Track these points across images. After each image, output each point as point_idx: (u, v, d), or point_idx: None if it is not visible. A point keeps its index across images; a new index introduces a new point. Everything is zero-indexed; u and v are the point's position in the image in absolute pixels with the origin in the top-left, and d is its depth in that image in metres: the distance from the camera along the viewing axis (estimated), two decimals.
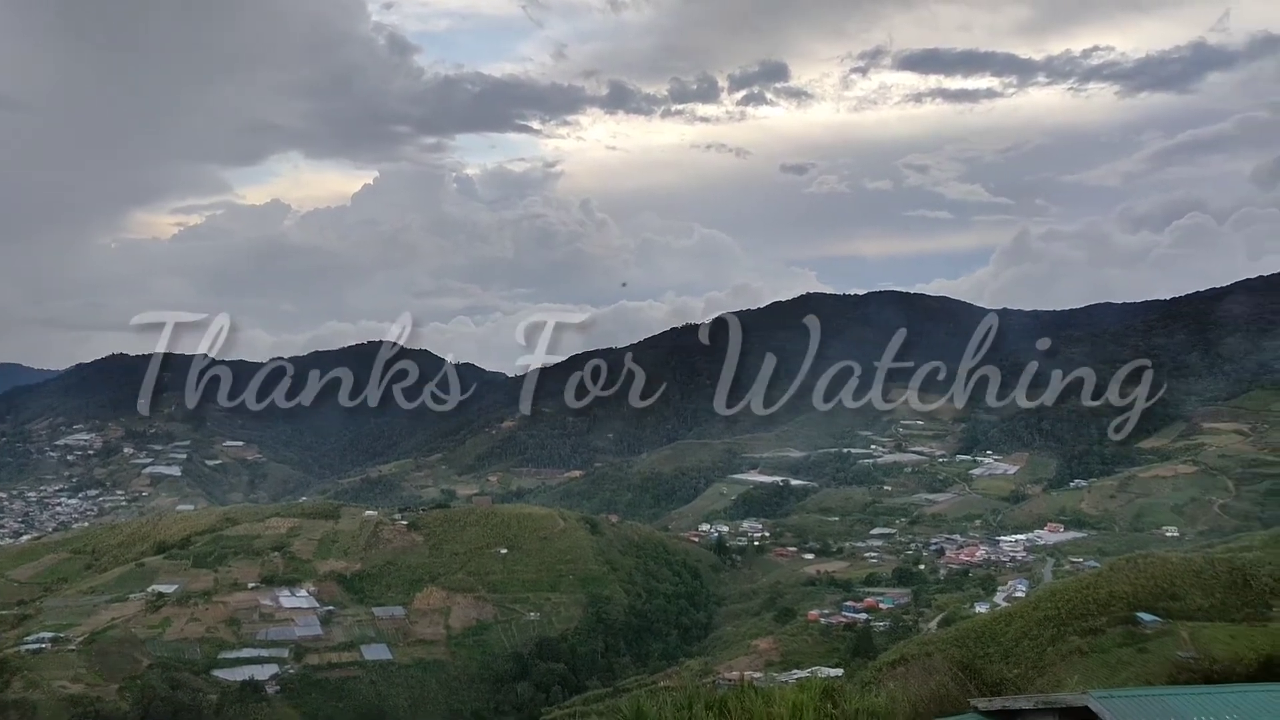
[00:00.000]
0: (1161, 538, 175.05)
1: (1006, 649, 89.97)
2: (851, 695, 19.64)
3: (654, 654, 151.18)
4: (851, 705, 18.49)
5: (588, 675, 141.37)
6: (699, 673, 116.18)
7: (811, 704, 18.01)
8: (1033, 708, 14.18)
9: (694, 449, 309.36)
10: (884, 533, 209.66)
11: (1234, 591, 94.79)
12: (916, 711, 17.53)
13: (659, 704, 18.01)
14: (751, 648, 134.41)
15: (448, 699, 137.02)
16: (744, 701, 17.61)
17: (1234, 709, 12.98)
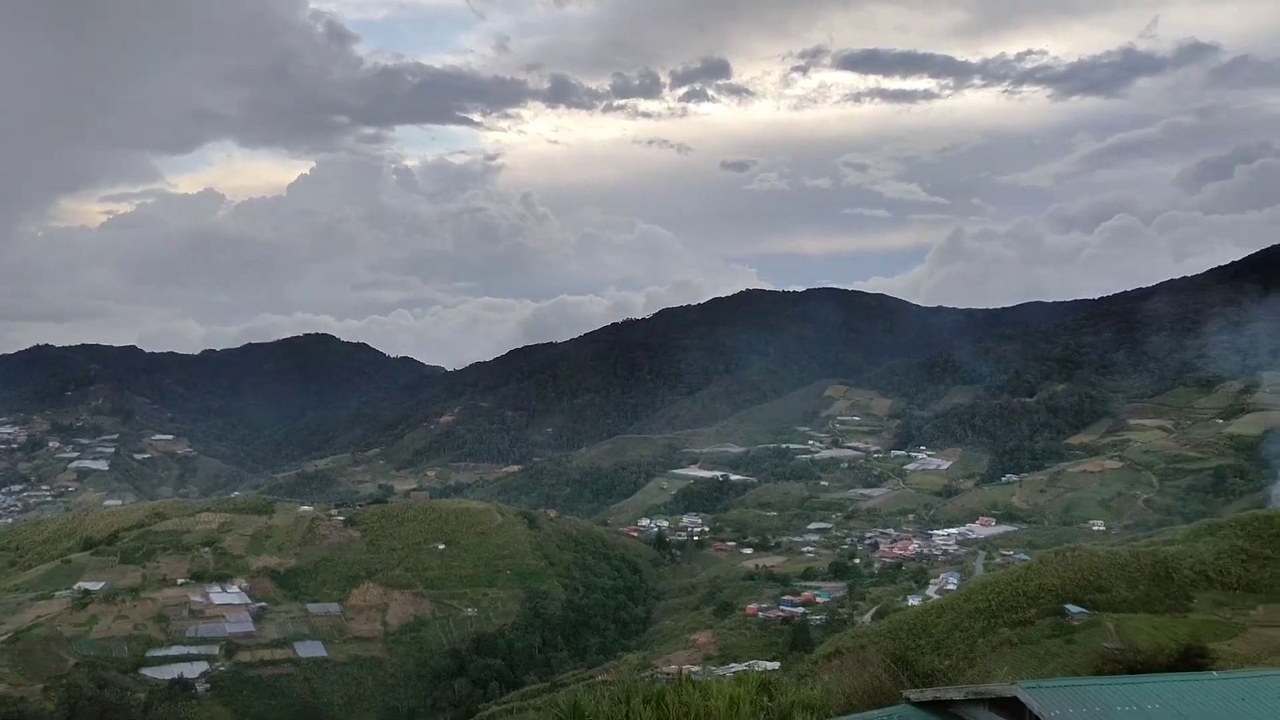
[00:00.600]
0: (1089, 531, 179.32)
1: (938, 641, 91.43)
2: (787, 688, 19.83)
3: (592, 648, 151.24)
4: (787, 698, 18.68)
5: (525, 671, 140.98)
6: (637, 667, 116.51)
7: (748, 697, 18.15)
8: (963, 698, 14.45)
9: (634, 444, 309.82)
10: (821, 527, 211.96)
11: (1157, 584, 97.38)
12: (850, 703, 17.75)
13: (596, 698, 18.01)
14: (690, 642, 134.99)
15: (384, 696, 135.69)
16: (681, 695, 17.67)
17: (1156, 698, 13.35)
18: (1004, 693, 13.88)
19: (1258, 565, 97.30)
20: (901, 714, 15.09)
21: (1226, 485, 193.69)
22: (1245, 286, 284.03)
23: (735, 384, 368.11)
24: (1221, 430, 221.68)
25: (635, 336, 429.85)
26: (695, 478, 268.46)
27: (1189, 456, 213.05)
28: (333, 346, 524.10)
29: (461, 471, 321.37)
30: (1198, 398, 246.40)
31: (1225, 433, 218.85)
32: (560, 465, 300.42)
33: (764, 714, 17.71)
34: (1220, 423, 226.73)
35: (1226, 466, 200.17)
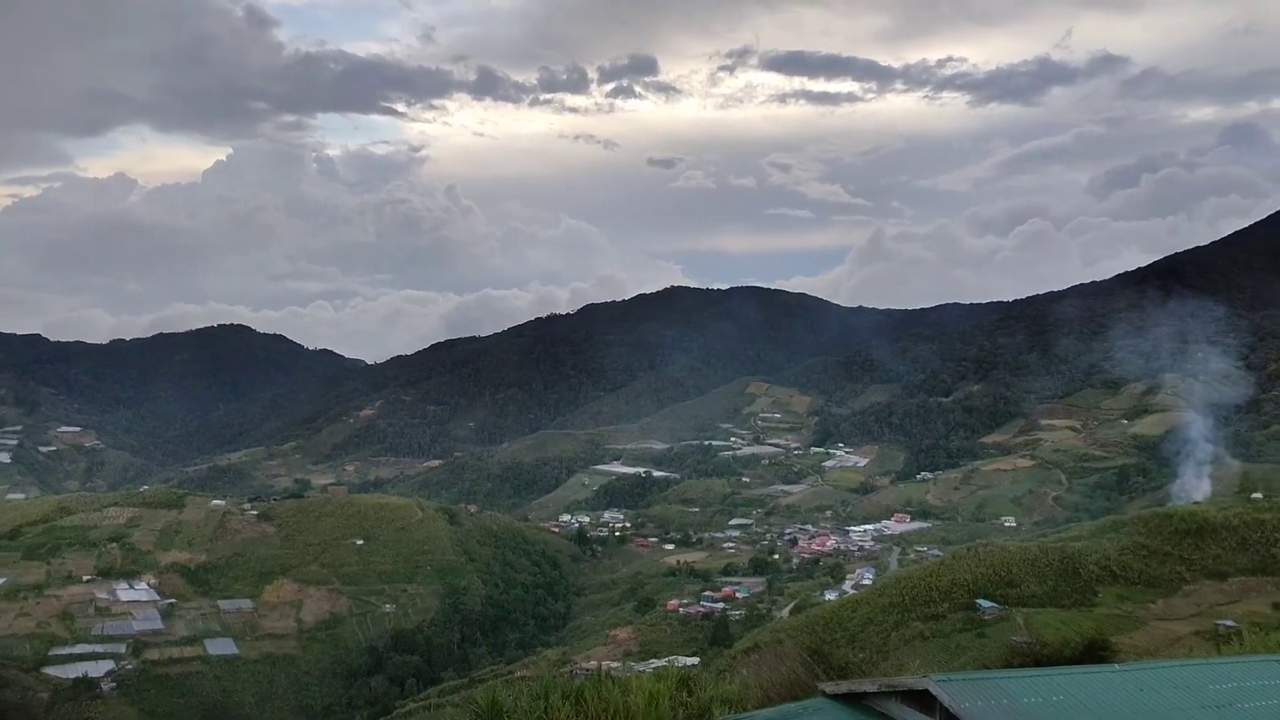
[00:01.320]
0: (1001, 528, 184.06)
1: (853, 634, 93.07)
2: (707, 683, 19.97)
3: (511, 644, 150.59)
4: (706, 693, 18.80)
5: (443, 667, 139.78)
6: (556, 663, 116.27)
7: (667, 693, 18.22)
8: (876, 690, 14.71)
9: (556, 439, 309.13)
10: (742, 523, 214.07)
11: (1064, 579, 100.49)
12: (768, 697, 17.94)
13: (514, 694, 17.94)
14: (610, 638, 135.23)
15: (298, 694, 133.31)
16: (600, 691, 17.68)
17: (1061, 690, 13.78)
18: (916, 685, 14.16)
19: (1158, 561, 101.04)
20: (817, 707, 15.29)
21: (1130, 483, 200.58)
22: (1149, 292, 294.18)
23: (658, 380, 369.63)
24: (1126, 430, 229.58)
25: (559, 332, 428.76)
26: (617, 474, 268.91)
27: (1096, 456, 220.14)
28: (248, 338, 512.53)
29: (382, 466, 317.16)
30: (1104, 399, 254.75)
31: (1129, 433, 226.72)
32: (482, 460, 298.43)
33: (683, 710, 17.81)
34: (1125, 423, 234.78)
35: (1130, 465, 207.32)
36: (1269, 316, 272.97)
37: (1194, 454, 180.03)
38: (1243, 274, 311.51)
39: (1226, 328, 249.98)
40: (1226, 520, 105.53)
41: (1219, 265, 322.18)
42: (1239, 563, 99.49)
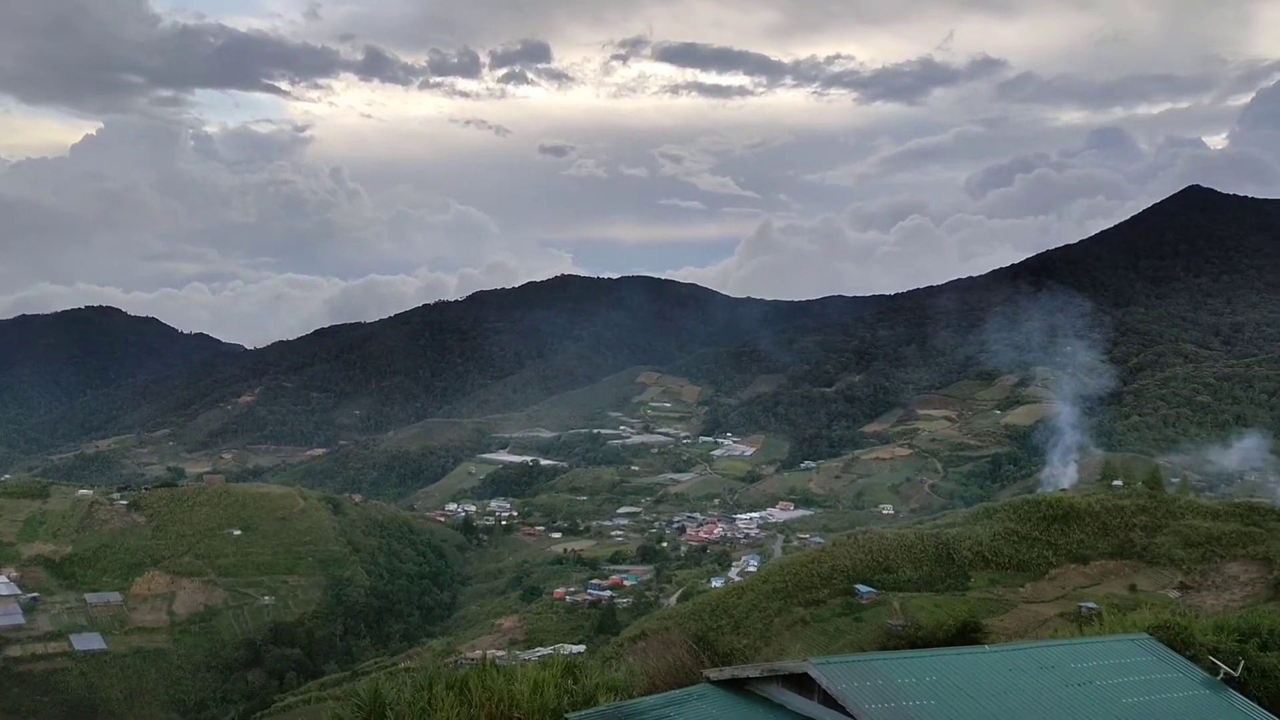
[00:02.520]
0: (879, 515, 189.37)
1: (738, 621, 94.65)
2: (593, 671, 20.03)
3: (395, 635, 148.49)
4: (592, 681, 18.86)
5: (325, 659, 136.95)
6: (441, 653, 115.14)
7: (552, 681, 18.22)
8: (759, 675, 14.99)
9: (443, 428, 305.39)
10: (630, 511, 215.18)
11: (939, 564, 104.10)
12: (654, 684, 18.08)
13: (398, 686, 17.71)
14: (496, 627, 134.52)
15: (169, 690, 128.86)
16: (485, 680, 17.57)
17: (934, 670, 14.29)
18: (796, 669, 14.46)
19: (1027, 546, 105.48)
20: (701, 693, 15.49)
21: (1002, 471, 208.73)
22: (1022, 287, 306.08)
23: (548, 369, 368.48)
24: (999, 420, 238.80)
25: (447, 318, 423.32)
26: (505, 462, 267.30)
27: (970, 445, 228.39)
28: (118, 320, 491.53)
29: (261, 454, 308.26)
30: (979, 390, 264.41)
31: (1002, 423, 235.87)
32: (367, 449, 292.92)
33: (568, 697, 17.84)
34: (998, 413, 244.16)
35: (1002, 454, 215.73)
36: (1131, 313, 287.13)
37: (1061, 443, 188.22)
38: (1108, 272, 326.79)
39: (1092, 323, 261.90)
40: (1089, 507, 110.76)
41: (1086, 263, 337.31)
42: (1100, 547, 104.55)
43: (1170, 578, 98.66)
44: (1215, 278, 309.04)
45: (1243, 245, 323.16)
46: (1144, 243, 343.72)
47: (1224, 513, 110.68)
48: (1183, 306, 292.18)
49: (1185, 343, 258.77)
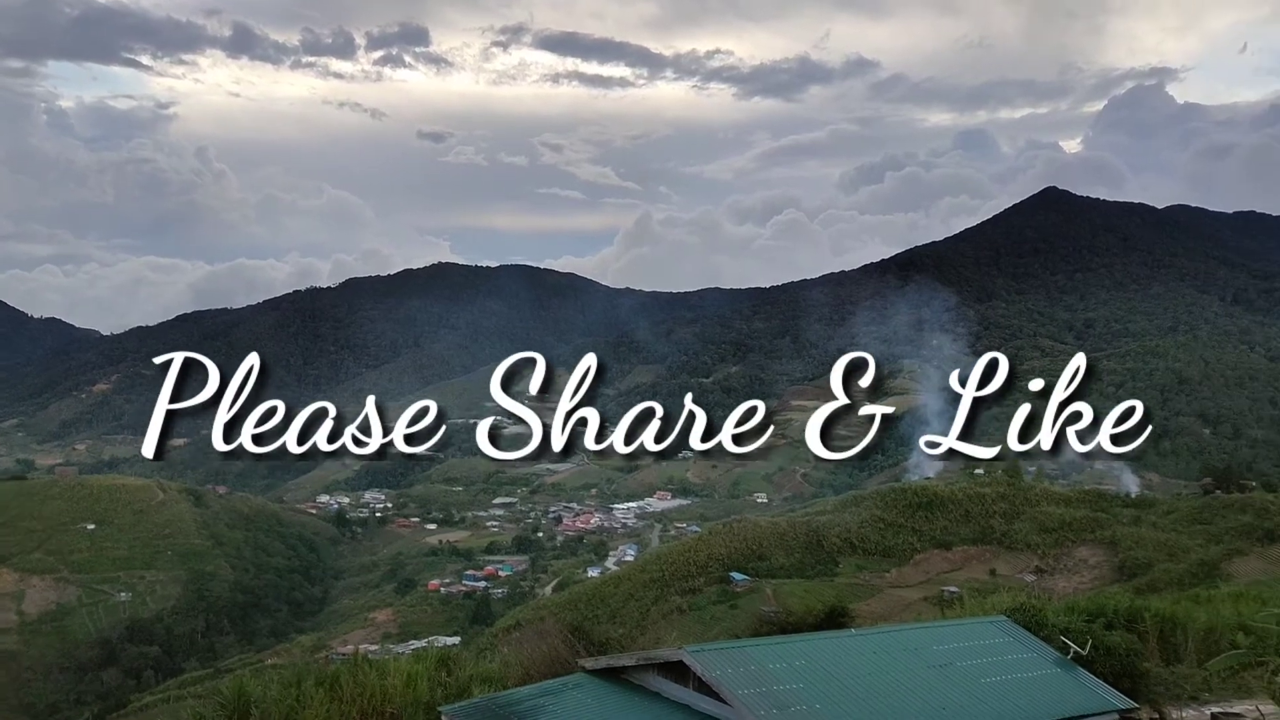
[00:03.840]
0: (754, 504, 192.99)
1: (614, 610, 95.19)
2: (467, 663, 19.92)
3: (262, 631, 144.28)
4: (466, 672, 18.75)
5: (186, 657, 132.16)
6: (311, 648, 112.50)
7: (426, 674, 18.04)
8: (634, 664, 15.14)
9: None
10: (506, 502, 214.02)
11: (810, 551, 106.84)
12: (529, 674, 18.08)
13: (265, 683, 17.26)
14: (369, 620, 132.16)
15: (19, 692, 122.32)
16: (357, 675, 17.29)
17: (803, 655, 14.67)
18: (671, 657, 14.64)
19: (893, 532, 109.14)
20: (577, 682, 15.54)
21: (871, 461, 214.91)
22: (891, 281, 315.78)
23: (424, 358, 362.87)
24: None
25: (320, 305, 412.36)
26: None
27: (841, 435, 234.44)
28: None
29: (119, 445, 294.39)
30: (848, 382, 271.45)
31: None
32: None
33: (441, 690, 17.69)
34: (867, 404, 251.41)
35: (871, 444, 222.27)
36: (993, 308, 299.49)
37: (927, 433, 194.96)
38: (971, 268, 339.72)
39: (957, 317, 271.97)
40: (953, 495, 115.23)
41: (951, 259, 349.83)
42: (962, 533, 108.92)
43: (1027, 562, 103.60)
44: (1070, 275, 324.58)
45: (1094, 245, 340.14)
46: (1005, 241, 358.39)
47: (1075, 500, 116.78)
48: (1040, 302, 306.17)
49: (1042, 337, 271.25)
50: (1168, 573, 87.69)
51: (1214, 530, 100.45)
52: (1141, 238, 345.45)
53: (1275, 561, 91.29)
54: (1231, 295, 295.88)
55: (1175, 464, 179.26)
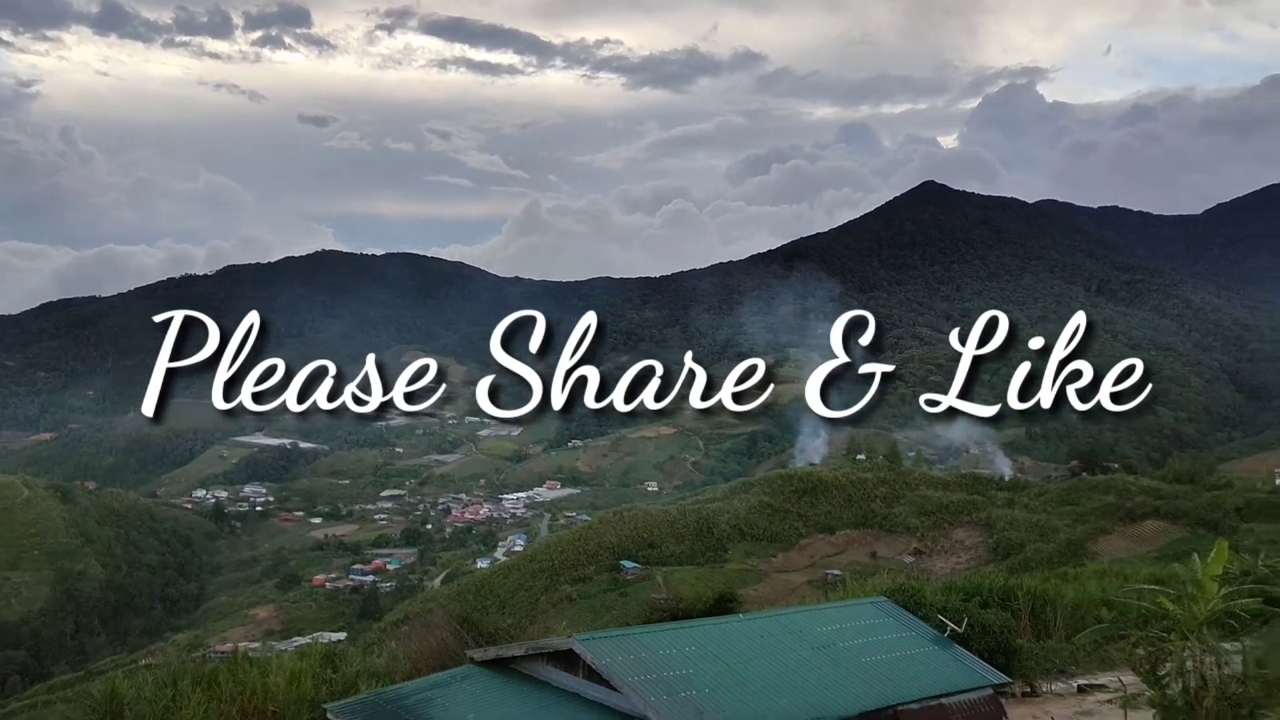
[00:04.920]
0: (644, 492, 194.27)
1: (503, 600, 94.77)
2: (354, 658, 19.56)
3: (135, 631, 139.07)
4: (352, 668, 18.43)
5: (54, 660, 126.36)
6: (187, 647, 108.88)
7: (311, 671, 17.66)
8: (524, 654, 15.09)
9: (190, 409, 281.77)
10: (394, 494, 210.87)
11: (700, 538, 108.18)
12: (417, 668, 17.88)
13: (138, 684, 16.64)
14: (249, 617, 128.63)
15: None
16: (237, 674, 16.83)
17: (692, 641, 14.86)
18: (561, 646, 14.65)
19: (780, 518, 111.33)
20: (465, 674, 15.42)
21: (759, 448, 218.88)
22: (776, 271, 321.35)
23: (307, 347, 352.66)
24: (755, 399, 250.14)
25: (196, 294, 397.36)
26: (261, 445, 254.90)
27: (729, 423, 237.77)
28: None
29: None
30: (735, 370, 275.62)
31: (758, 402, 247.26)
32: (103, 432, 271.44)
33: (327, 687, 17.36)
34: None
35: (759, 432, 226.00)
36: (874, 298, 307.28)
37: (812, 420, 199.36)
38: (854, 259, 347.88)
39: (840, 307, 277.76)
40: (836, 480, 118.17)
41: (835, 250, 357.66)
42: (845, 517, 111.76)
43: (907, 544, 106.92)
44: (947, 266, 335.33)
45: (970, 237, 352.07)
46: (886, 233, 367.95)
47: (952, 483, 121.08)
48: (919, 293, 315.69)
49: (921, 326, 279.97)
50: (1039, 552, 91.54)
51: (1080, 511, 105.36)
52: (1013, 231, 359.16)
53: (1136, 540, 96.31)
54: (1096, 286, 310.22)
55: (1045, 448, 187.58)
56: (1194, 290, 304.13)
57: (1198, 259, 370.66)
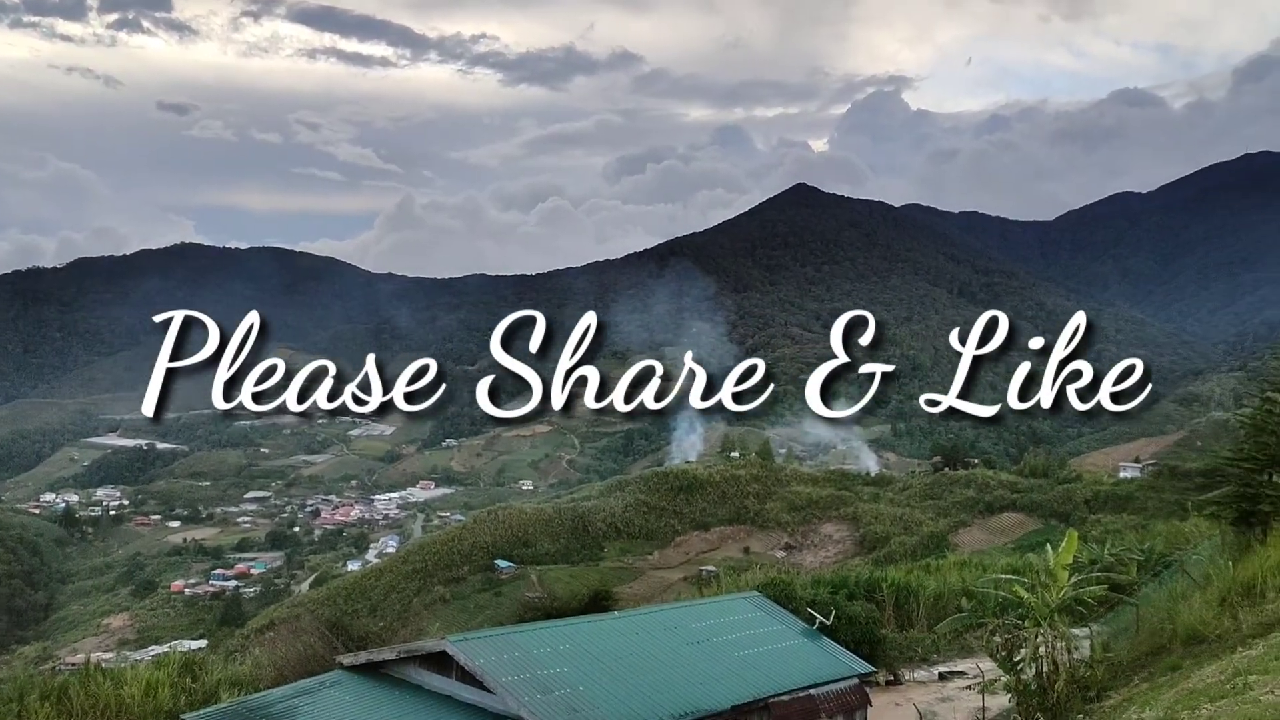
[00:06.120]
0: (519, 491, 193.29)
1: (375, 603, 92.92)
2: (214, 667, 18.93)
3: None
4: (213, 677, 17.84)
5: None
6: (35, 660, 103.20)
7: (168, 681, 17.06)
8: (395, 657, 14.82)
9: (38, 409, 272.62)
10: (259, 496, 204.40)
11: (575, 537, 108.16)
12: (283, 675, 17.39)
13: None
14: (102, 627, 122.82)
15: None
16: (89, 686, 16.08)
17: (567, 639, 14.85)
18: (434, 648, 14.46)
19: (655, 516, 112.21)
20: (335, 680, 15.06)
21: (635, 446, 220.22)
22: (652, 269, 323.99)
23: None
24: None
25: (44, 287, 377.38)
26: (114, 446, 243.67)
27: (605, 421, 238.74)
28: None
29: None
30: (614, 368, 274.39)
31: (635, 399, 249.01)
32: None
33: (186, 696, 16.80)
34: None
35: (635, 429, 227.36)
36: (748, 298, 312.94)
37: (688, 418, 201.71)
38: (728, 259, 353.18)
39: (715, 306, 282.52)
40: (711, 477, 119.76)
41: (710, 250, 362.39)
42: (720, 514, 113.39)
43: (778, 539, 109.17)
44: (818, 268, 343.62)
45: (839, 239, 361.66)
46: (759, 234, 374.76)
47: (822, 479, 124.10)
48: (791, 293, 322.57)
49: (793, 326, 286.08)
50: (903, 545, 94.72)
51: (942, 505, 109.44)
52: (881, 234, 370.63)
53: (994, 532, 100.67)
54: (958, 288, 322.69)
55: (910, 444, 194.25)
56: (1046, 293, 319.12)
57: (1050, 263, 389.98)
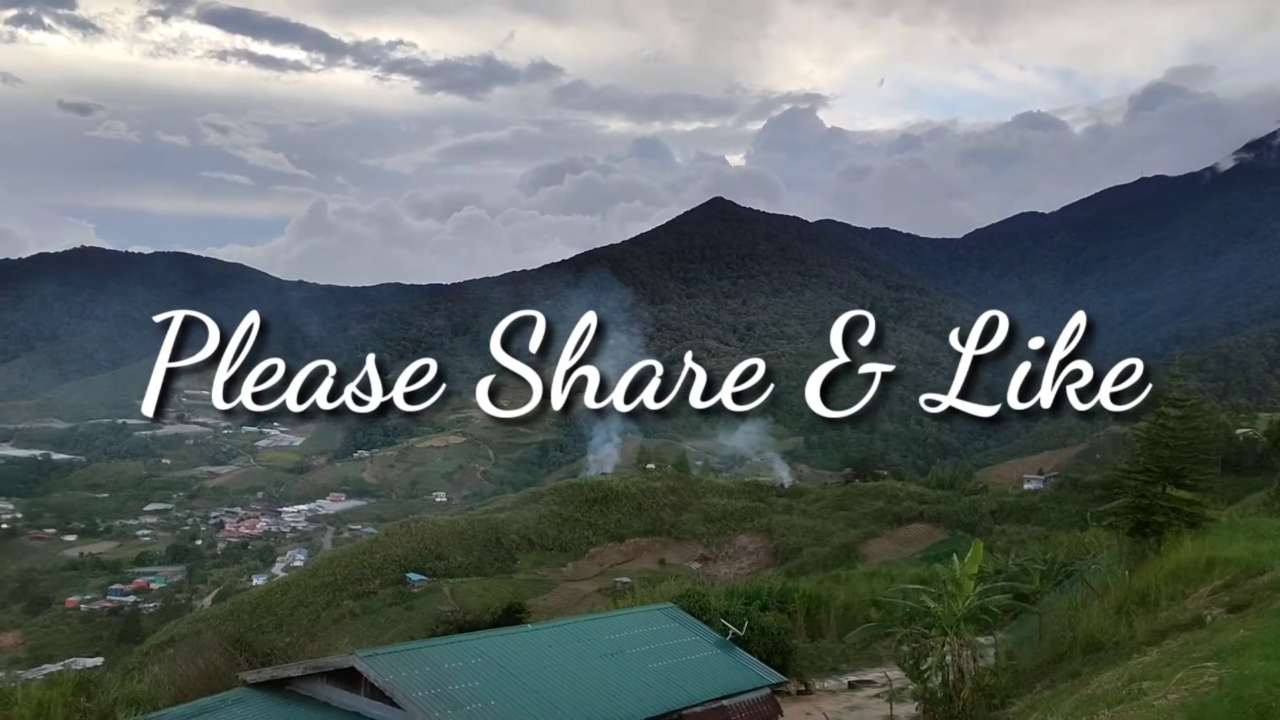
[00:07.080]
0: (433, 503, 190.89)
1: (281, 618, 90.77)
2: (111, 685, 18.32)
3: None
4: (110, 696, 17.27)
5: None
6: None
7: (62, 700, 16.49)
8: (301, 674, 14.46)
9: None
10: (160, 508, 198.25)
11: (489, 549, 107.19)
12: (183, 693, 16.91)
13: None
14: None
15: None
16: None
17: (479, 653, 14.68)
18: (342, 664, 14.18)
19: (570, 527, 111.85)
20: (237, 697, 14.65)
21: (550, 457, 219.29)
22: (568, 280, 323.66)
23: (63, 351, 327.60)
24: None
25: None
26: (7, 457, 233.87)
27: (520, 432, 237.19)
28: None
29: None
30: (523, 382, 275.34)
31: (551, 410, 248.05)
32: None
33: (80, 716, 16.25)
34: None
35: (550, 440, 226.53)
36: (665, 310, 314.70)
37: (604, 429, 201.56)
38: (646, 271, 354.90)
39: (633, 317, 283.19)
40: (626, 489, 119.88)
41: (627, 262, 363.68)
42: (635, 526, 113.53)
43: (693, 551, 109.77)
44: (734, 281, 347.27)
45: (755, 253, 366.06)
46: (676, 246, 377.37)
47: (736, 491, 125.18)
48: (708, 306, 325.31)
49: (709, 339, 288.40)
50: (814, 555, 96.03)
51: (853, 516, 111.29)
52: (795, 248, 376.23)
53: (903, 542, 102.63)
54: (870, 303, 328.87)
55: (822, 456, 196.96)
56: (954, 308, 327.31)
57: (959, 279, 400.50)
